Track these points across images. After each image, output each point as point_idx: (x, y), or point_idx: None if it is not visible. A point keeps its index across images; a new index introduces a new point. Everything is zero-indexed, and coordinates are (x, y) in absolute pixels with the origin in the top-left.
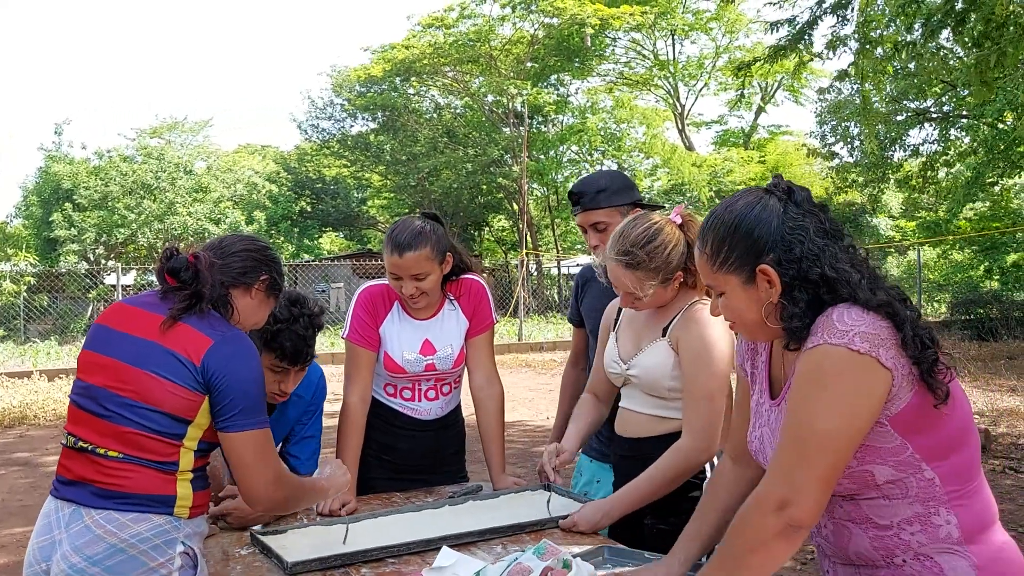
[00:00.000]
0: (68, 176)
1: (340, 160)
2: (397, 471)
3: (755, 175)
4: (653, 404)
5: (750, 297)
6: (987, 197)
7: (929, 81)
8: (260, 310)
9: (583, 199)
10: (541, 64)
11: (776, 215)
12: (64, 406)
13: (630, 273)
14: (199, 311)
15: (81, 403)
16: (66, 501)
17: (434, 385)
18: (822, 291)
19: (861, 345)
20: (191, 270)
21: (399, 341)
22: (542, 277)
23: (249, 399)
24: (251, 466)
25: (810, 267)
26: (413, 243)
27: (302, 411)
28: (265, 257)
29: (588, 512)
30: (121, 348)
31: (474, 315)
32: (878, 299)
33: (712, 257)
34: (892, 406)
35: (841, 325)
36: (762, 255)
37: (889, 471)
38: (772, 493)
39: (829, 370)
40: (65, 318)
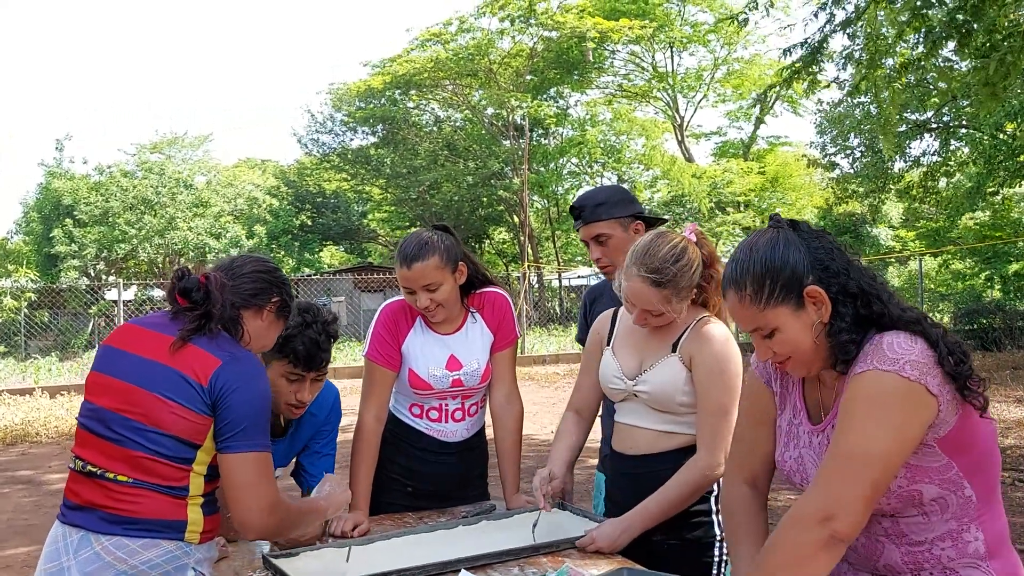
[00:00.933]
0: (69, 192)
1: (340, 174)
2: (418, 496)
3: (755, 186)
4: (661, 420)
5: (803, 323)
6: (988, 207)
7: (930, 92)
8: (270, 332)
9: (584, 212)
10: (541, 77)
11: (799, 243)
12: (66, 423)
13: (657, 291)
14: (209, 332)
15: (89, 426)
16: (74, 527)
17: (461, 405)
18: (859, 304)
19: (911, 373)
20: (202, 291)
21: (424, 356)
22: (543, 289)
23: (251, 420)
24: (247, 489)
25: (848, 280)
26: (420, 254)
27: (316, 430)
28: (276, 279)
29: (607, 530)
30: (130, 369)
31: (499, 329)
32: (908, 316)
33: (755, 297)
34: (940, 429)
35: (891, 353)
36: (804, 279)
37: (935, 490)
38: (816, 507)
39: (880, 395)
40: (66, 334)
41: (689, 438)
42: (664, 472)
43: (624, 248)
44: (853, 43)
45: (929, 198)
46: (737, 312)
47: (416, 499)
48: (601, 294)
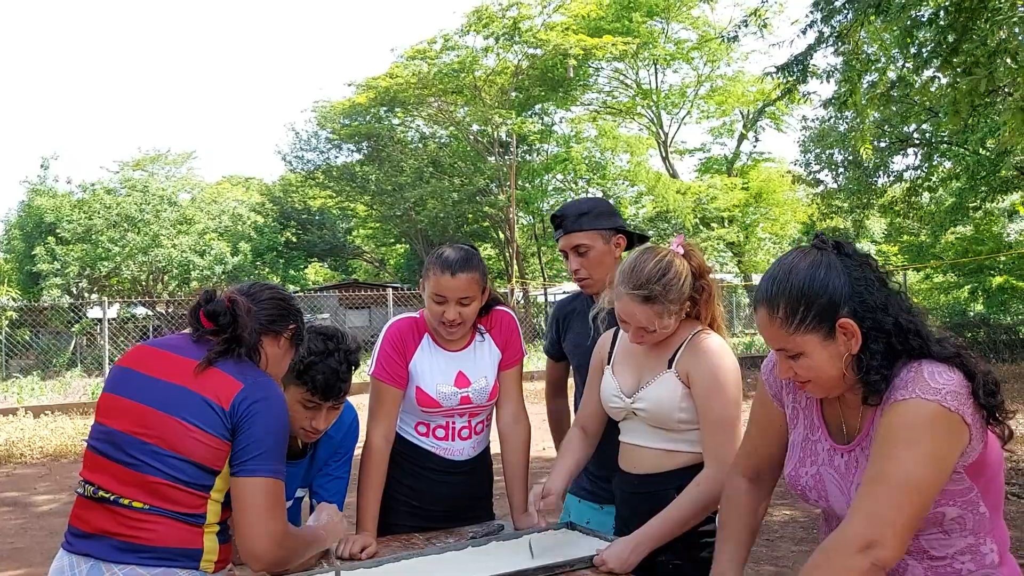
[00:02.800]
0: (51, 209)
1: (325, 191)
2: (425, 517)
3: (739, 201)
4: (660, 438)
5: (831, 353)
6: (970, 221)
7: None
8: (284, 360)
9: (565, 222)
10: (525, 94)
11: (841, 270)
12: (51, 444)
13: (647, 308)
14: (237, 356)
15: (101, 449)
16: (83, 556)
17: (468, 423)
18: (894, 340)
19: (952, 403)
20: (228, 314)
21: (432, 374)
22: (529, 305)
23: (269, 445)
24: (259, 517)
25: (884, 317)
26: (465, 265)
27: (331, 452)
28: (292, 307)
29: (617, 549)
30: (146, 392)
31: (506, 347)
32: (947, 351)
33: (787, 321)
34: (968, 457)
35: (934, 383)
36: (839, 310)
37: (956, 510)
38: (860, 534)
39: (923, 424)
40: (48, 353)
41: (692, 456)
42: (669, 492)
43: (604, 261)
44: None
45: (912, 213)
46: (766, 330)
47: (422, 519)
48: (575, 311)
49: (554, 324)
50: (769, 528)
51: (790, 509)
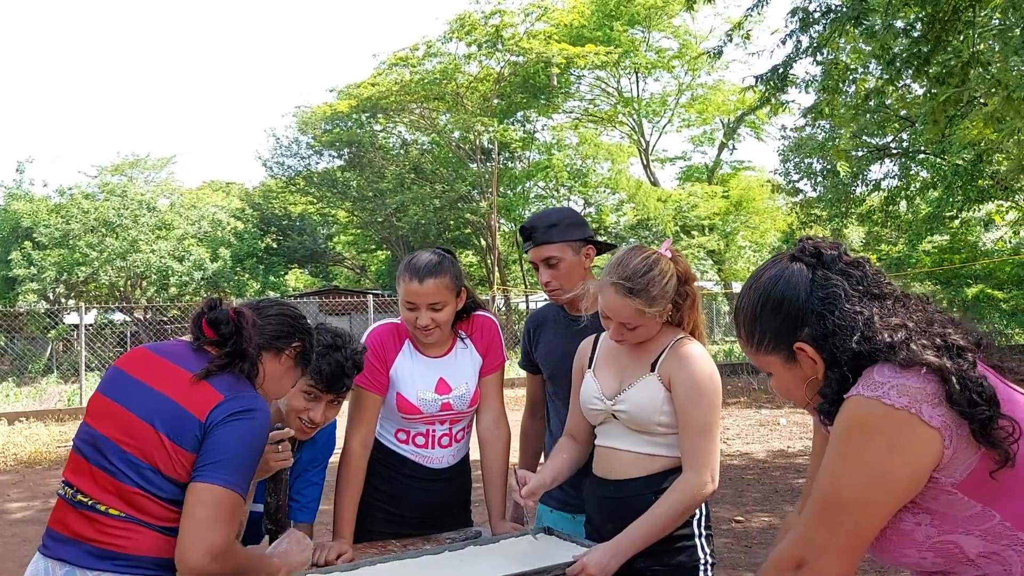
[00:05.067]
0: (28, 214)
1: (306, 197)
2: (402, 524)
3: (719, 209)
4: (640, 441)
5: (795, 376)
6: (946, 230)
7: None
8: (285, 379)
9: (535, 234)
10: (507, 101)
11: (803, 285)
12: (25, 451)
13: (629, 301)
14: (238, 371)
15: (85, 451)
16: (59, 561)
17: (448, 430)
18: (860, 362)
19: (897, 399)
20: (232, 325)
21: (413, 380)
22: (510, 312)
23: (232, 455)
24: (199, 525)
25: (845, 339)
26: (434, 271)
27: (312, 456)
28: (300, 325)
29: (596, 556)
30: (134, 398)
31: (487, 352)
32: (916, 358)
33: (748, 340)
34: (954, 470)
35: (880, 377)
36: (796, 331)
37: (979, 543)
38: (790, 552)
39: (858, 426)
40: (23, 359)
41: (669, 461)
42: (646, 496)
43: (574, 272)
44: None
45: (890, 223)
46: (741, 346)
47: (399, 526)
48: (545, 320)
49: (526, 335)
50: (748, 535)
51: (768, 516)
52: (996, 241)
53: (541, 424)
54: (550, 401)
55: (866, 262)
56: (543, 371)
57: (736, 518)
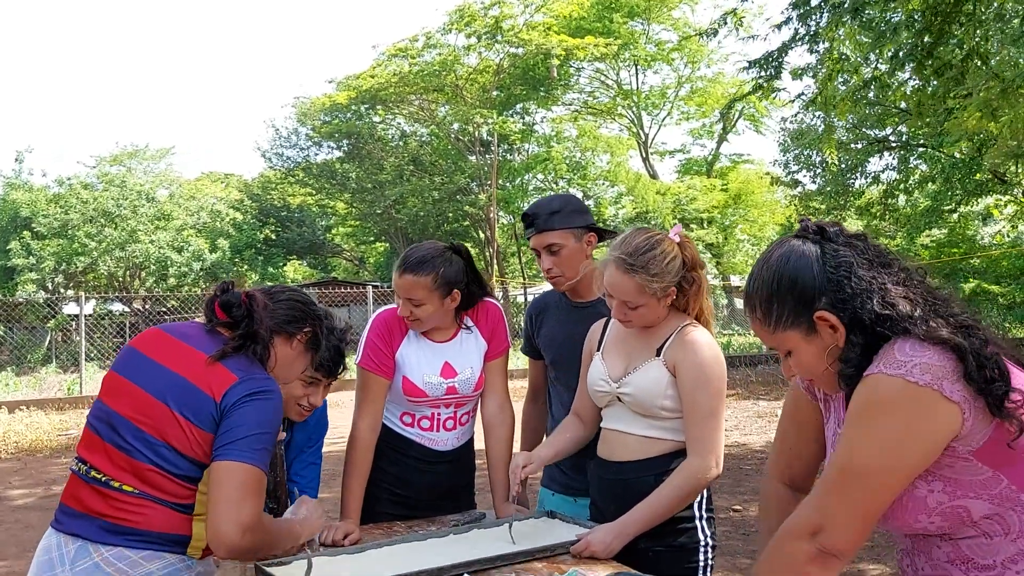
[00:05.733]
0: (27, 204)
1: (305, 188)
2: (408, 506)
3: (718, 203)
4: (644, 424)
5: (817, 348)
6: (944, 224)
7: (889, 111)
8: (296, 363)
9: (537, 220)
10: (507, 93)
11: (814, 258)
12: (26, 439)
13: (630, 278)
14: (251, 353)
15: (99, 428)
16: (72, 535)
17: (453, 414)
18: (878, 328)
19: (921, 377)
20: (243, 308)
21: (418, 364)
22: (509, 304)
23: (253, 433)
24: (230, 502)
25: (863, 303)
26: (417, 268)
27: (306, 438)
28: (311, 311)
29: (601, 535)
30: (149, 377)
31: (492, 338)
32: (935, 335)
33: (765, 320)
34: (972, 440)
35: (901, 355)
36: (814, 302)
37: (985, 505)
38: (807, 519)
39: (881, 401)
40: (22, 349)
41: (672, 444)
42: (647, 479)
43: (575, 259)
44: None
45: (889, 216)
46: (755, 330)
47: (405, 508)
48: (547, 307)
49: (528, 321)
50: (746, 523)
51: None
52: (994, 235)
53: (543, 409)
54: (552, 387)
55: (865, 236)
56: (545, 356)
57: (734, 507)
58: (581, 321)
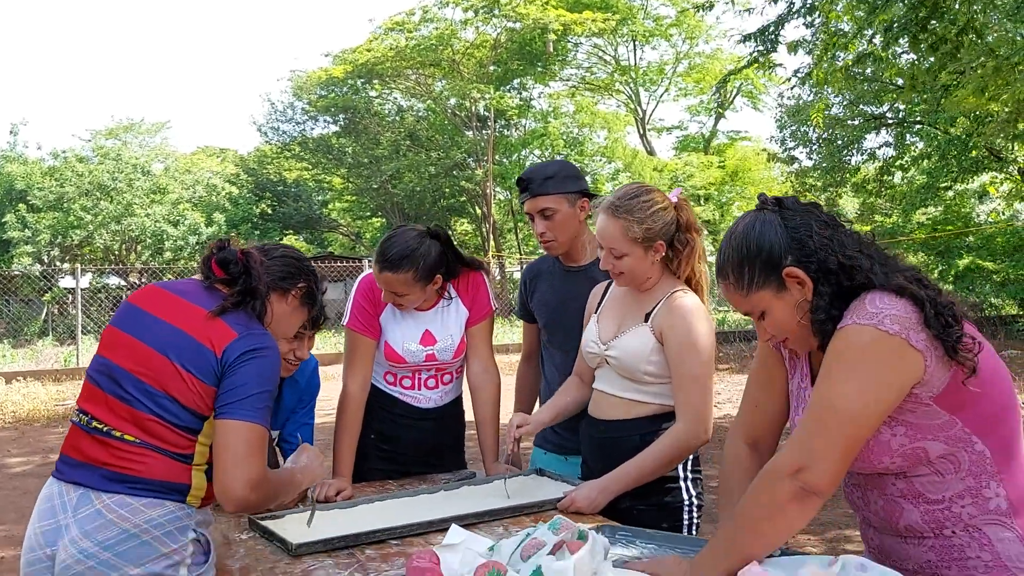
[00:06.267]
0: (22, 176)
1: (301, 163)
2: (396, 461)
3: (715, 179)
4: (628, 388)
5: (788, 304)
6: (940, 202)
7: (885, 87)
8: (292, 318)
9: (532, 185)
10: (504, 68)
11: (777, 223)
12: (23, 408)
13: (614, 222)
14: (250, 309)
15: (99, 381)
16: (73, 484)
17: (434, 375)
18: (842, 279)
19: (891, 327)
20: (240, 265)
21: (400, 331)
22: (505, 280)
23: (255, 391)
24: (237, 459)
25: (827, 256)
26: (397, 265)
27: (297, 398)
28: (305, 267)
29: (585, 491)
30: (149, 331)
31: (473, 304)
32: (893, 282)
33: (738, 284)
34: (932, 386)
35: (872, 307)
36: (781, 261)
37: (941, 446)
38: (789, 460)
39: (856, 349)
40: (18, 322)
41: (656, 407)
42: (633, 438)
43: (569, 224)
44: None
45: (885, 193)
46: (728, 298)
47: (394, 463)
48: (540, 272)
49: (522, 285)
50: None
51: None
52: (990, 212)
53: (536, 371)
54: (544, 349)
55: (818, 205)
56: (538, 320)
57: None
58: (574, 285)
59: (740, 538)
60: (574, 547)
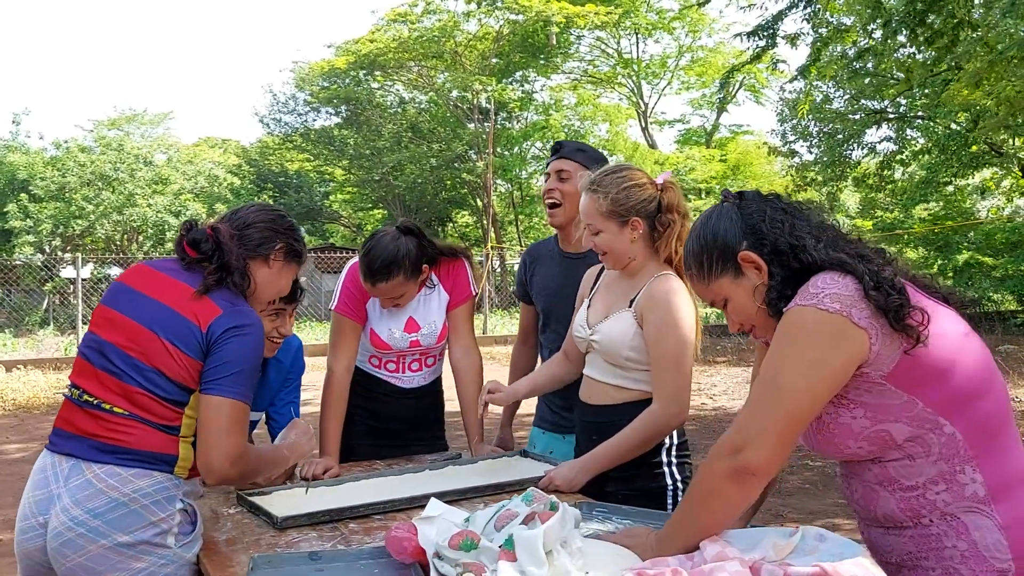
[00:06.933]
0: (24, 166)
1: (303, 154)
2: (379, 435)
3: (717, 173)
4: (612, 373)
5: (746, 289)
6: (940, 197)
7: (886, 81)
8: (280, 277)
9: (563, 148)
10: (506, 60)
11: (734, 214)
12: (23, 395)
13: (590, 197)
14: (231, 285)
15: (90, 356)
16: (65, 455)
17: (418, 358)
18: (791, 261)
19: (831, 305)
20: (211, 242)
21: (384, 319)
22: (506, 273)
23: (238, 368)
24: (218, 435)
25: (777, 239)
26: (386, 274)
27: (283, 377)
28: (280, 226)
29: (564, 471)
30: (137, 308)
31: (453, 289)
32: (835, 259)
33: (699, 273)
34: (882, 364)
35: (814, 288)
36: (736, 247)
37: (906, 428)
38: (728, 439)
39: (798, 328)
40: (20, 311)
41: (637, 394)
42: (616, 425)
43: (576, 197)
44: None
45: (885, 187)
46: (694, 289)
47: (379, 437)
48: (540, 255)
49: (522, 266)
50: None
51: None
52: (991, 208)
53: (532, 352)
54: (542, 334)
55: (779, 195)
56: (536, 304)
57: None
58: (573, 272)
59: (689, 515)
60: (545, 517)
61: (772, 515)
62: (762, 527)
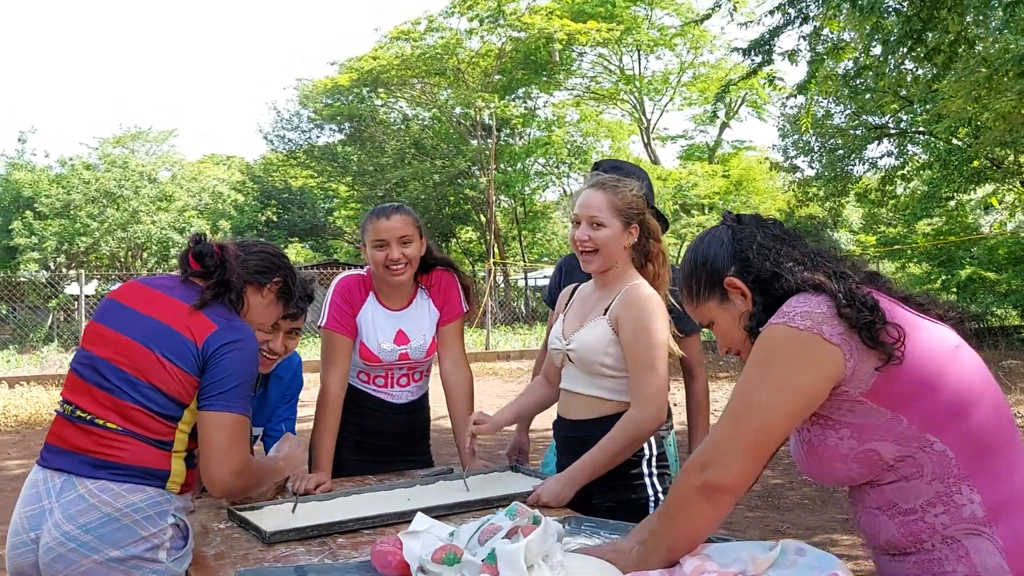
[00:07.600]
0: (29, 184)
1: (306, 170)
2: (366, 451)
3: (719, 189)
4: (589, 383)
5: (731, 315)
6: (943, 212)
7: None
8: (268, 311)
9: (600, 167)
10: (508, 77)
11: (726, 238)
12: (26, 412)
13: (602, 193)
14: (226, 302)
15: (82, 372)
16: (57, 471)
17: (407, 373)
18: (773, 288)
19: (802, 323)
20: (216, 259)
21: (375, 330)
22: (509, 288)
23: (236, 382)
24: (221, 450)
25: (761, 266)
26: (399, 209)
27: (282, 393)
28: (282, 263)
29: (550, 485)
30: (130, 324)
31: (444, 305)
32: (805, 279)
33: (689, 295)
34: (859, 382)
35: (787, 307)
36: (723, 273)
37: (893, 447)
38: (698, 455)
39: (768, 347)
40: (24, 328)
41: (618, 405)
42: (595, 438)
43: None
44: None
45: (887, 202)
46: (686, 308)
47: (367, 452)
48: (574, 268)
49: (557, 272)
50: None
51: None
52: (993, 223)
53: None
54: None
55: (777, 220)
56: None
57: None
58: None
59: (664, 530)
60: (527, 531)
61: (771, 531)
62: (743, 540)
